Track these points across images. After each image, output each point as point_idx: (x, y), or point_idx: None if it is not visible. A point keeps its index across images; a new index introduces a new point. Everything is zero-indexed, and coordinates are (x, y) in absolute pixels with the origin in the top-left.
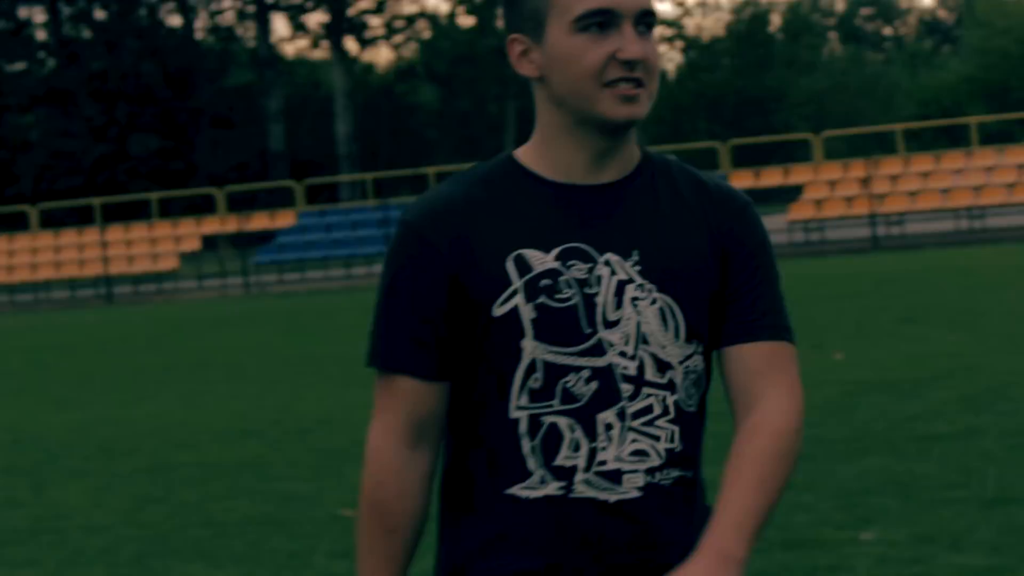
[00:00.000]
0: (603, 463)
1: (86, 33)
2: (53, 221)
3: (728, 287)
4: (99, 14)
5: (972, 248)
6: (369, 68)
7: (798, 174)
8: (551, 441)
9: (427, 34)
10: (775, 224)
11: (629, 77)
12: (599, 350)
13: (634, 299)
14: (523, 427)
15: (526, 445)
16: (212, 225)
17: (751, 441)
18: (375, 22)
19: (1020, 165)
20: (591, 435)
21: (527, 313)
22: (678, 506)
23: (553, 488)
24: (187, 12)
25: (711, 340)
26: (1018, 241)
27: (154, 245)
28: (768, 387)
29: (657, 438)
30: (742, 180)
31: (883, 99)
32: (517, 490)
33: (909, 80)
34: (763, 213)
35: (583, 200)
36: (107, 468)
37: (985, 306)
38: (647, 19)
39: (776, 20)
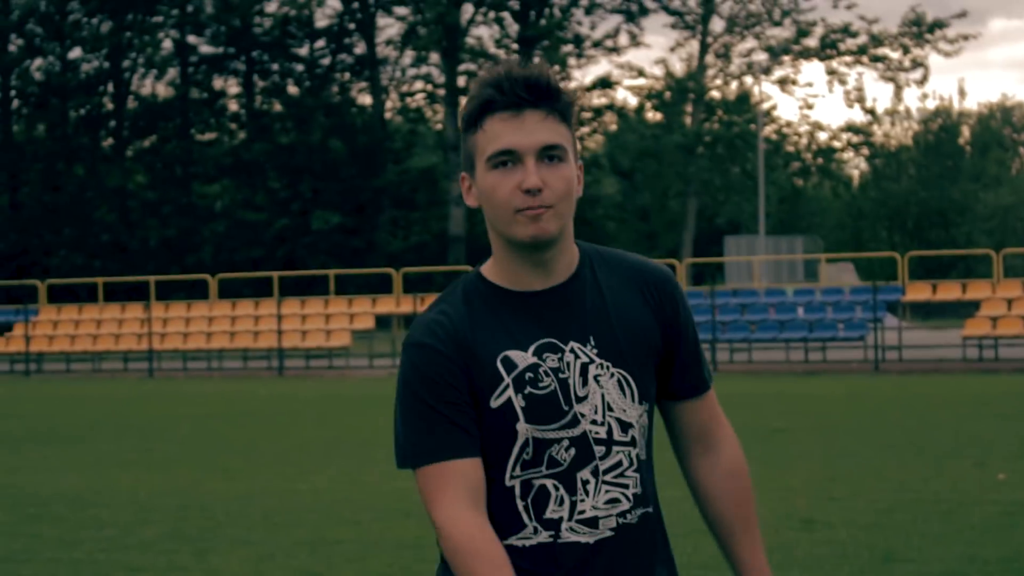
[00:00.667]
0: (583, 512)
1: (277, 107)
2: (231, 291)
3: (673, 356)
4: (292, 89)
5: None
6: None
7: (976, 290)
8: (540, 499)
9: (613, 127)
10: (950, 338)
11: (530, 205)
12: (575, 422)
13: (596, 376)
14: (518, 491)
15: (519, 504)
16: (387, 305)
17: (737, 485)
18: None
19: None
20: (572, 491)
21: (518, 402)
22: (644, 543)
23: (544, 537)
24: (378, 92)
25: (659, 395)
26: None
27: (328, 321)
28: (719, 431)
29: (626, 486)
30: (919, 292)
31: None
32: (514, 540)
33: None
34: (939, 327)
35: (541, 303)
36: (270, 539)
37: None
38: (549, 152)
39: (966, 132)
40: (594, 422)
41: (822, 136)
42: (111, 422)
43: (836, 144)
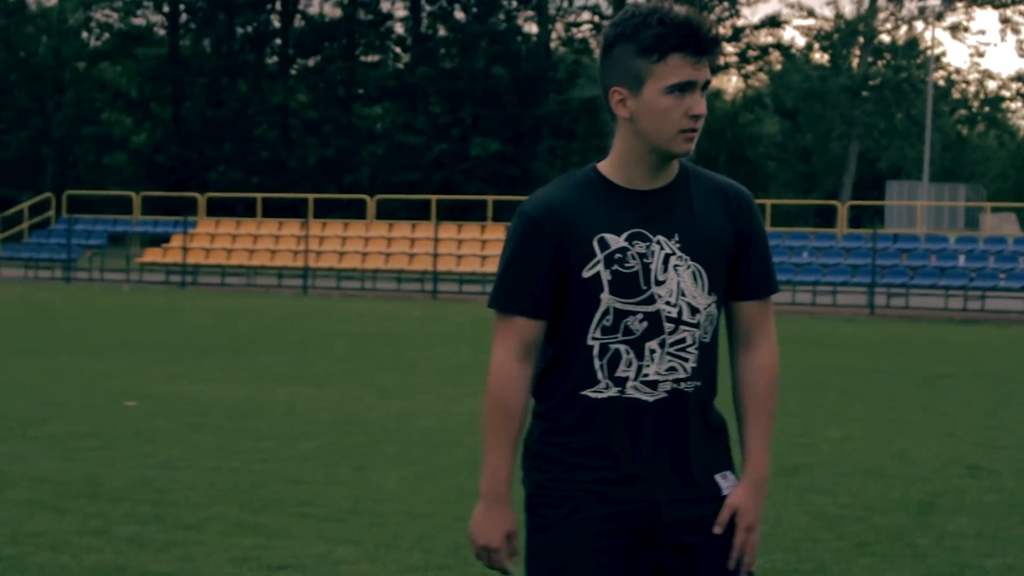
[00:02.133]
0: (646, 375)
1: (442, 31)
2: (387, 213)
3: (742, 260)
4: (458, 15)
5: None
6: (717, 94)
7: None
8: (614, 360)
9: (779, 66)
10: None
11: (693, 127)
12: (651, 300)
13: (675, 266)
14: (596, 351)
15: (596, 363)
16: None
17: (758, 383)
18: (729, 49)
19: None
20: (640, 357)
21: (605, 276)
22: (694, 407)
23: (613, 391)
24: (544, 21)
25: (727, 292)
26: None
27: (483, 247)
28: (760, 336)
29: (685, 360)
30: None
31: None
32: (589, 392)
33: None
34: None
35: (643, 200)
36: (428, 458)
37: None
38: (706, 87)
39: None
40: (668, 303)
41: (991, 85)
42: (267, 336)
43: (1005, 93)
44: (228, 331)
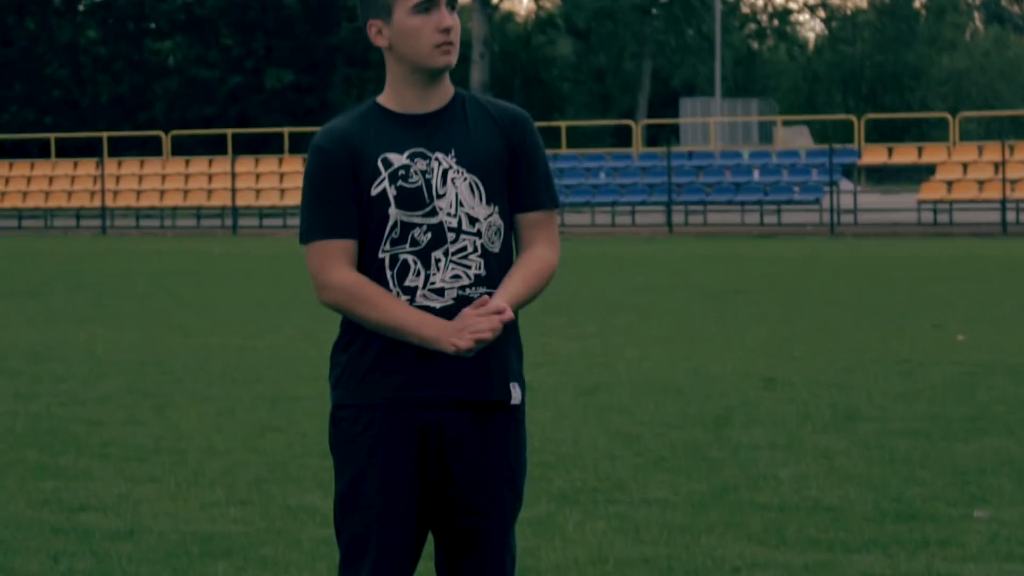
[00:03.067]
0: (433, 284)
1: None
2: (184, 149)
3: (517, 173)
4: None
5: None
6: (509, 17)
7: (931, 153)
8: (403, 271)
9: None
10: (905, 202)
11: (445, 40)
12: (434, 212)
13: (452, 179)
14: (387, 263)
15: (388, 274)
16: None
17: (526, 264)
18: None
19: None
20: (427, 266)
21: (391, 192)
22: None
23: (403, 301)
24: None
25: (509, 206)
26: None
27: (282, 180)
28: (538, 239)
29: (468, 267)
30: (875, 156)
31: None
32: None
33: None
34: (894, 191)
35: (419, 123)
36: (229, 394)
37: None
38: (452, 3)
39: None
40: (448, 214)
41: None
42: (65, 278)
43: (792, 6)
44: (24, 274)
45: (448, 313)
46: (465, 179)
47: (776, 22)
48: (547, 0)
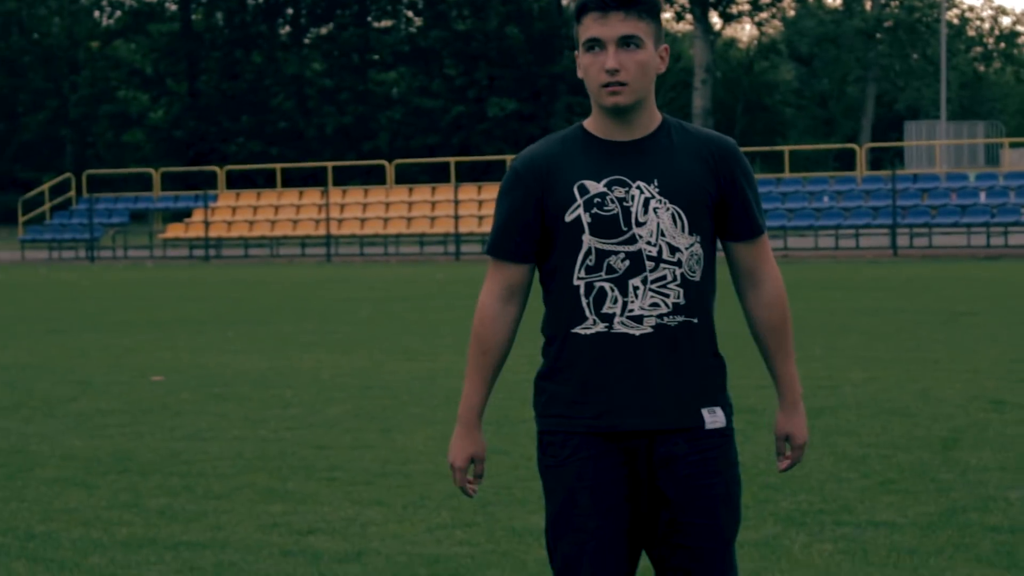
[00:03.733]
0: (632, 311)
1: None
2: (407, 177)
3: (732, 204)
4: None
5: None
6: (731, 43)
7: None
8: (599, 298)
9: (792, 12)
10: None
11: (610, 81)
12: (633, 240)
13: (655, 208)
14: (582, 290)
15: (583, 301)
16: None
17: (771, 316)
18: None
19: None
20: (624, 293)
21: (585, 219)
22: (683, 341)
23: (601, 327)
24: None
25: (714, 235)
26: None
27: None
28: (762, 264)
29: (667, 296)
30: None
31: None
32: (579, 329)
33: None
34: None
35: (622, 150)
36: (453, 418)
37: None
38: (627, 40)
39: None
40: (648, 243)
41: (1005, 20)
42: (291, 305)
43: (1019, 28)
44: (251, 302)
45: (648, 340)
46: (668, 209)
47: (1003, 44)
48: (770, 26)
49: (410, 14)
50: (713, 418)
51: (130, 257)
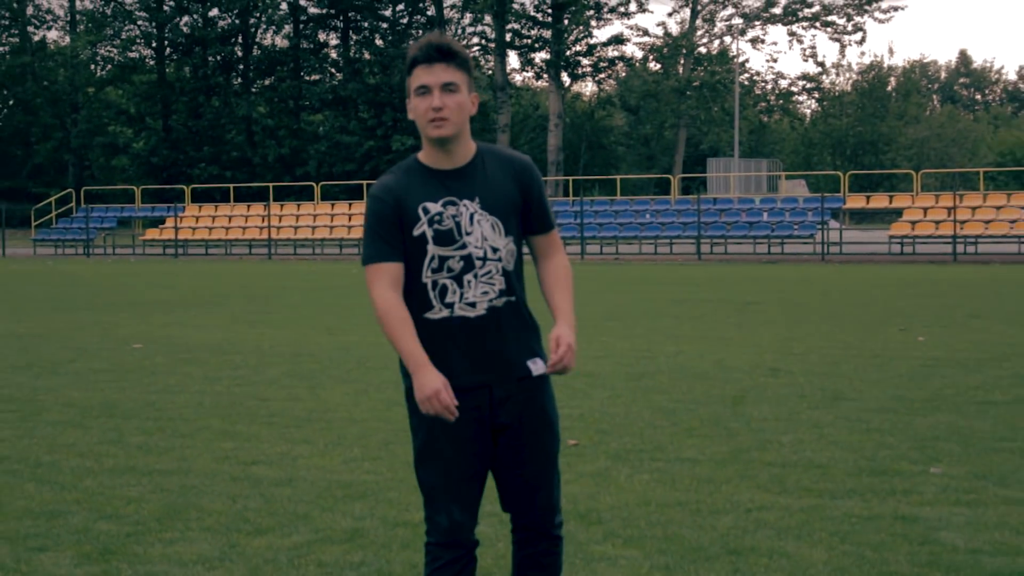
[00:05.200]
0: (467, 298)
1: (367, 55)
2: (331, 196)
3: (530, 209)
4: (378, 42)
5: None
6: (577, 97)
7: (899, 201)
8: (443, 291)
9: (623, 74)
10: (879, 237)
11: (435, 117)
12: (464, 246)
13: (479, 220)
14: (429, 286)
15: (431, 294)
16: None
17: (557, 274)
18: (585, 62)
19: None
20: (460, 286)
21: (429, 233)
22: (510, 320)
23: (444, 313)
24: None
25: (522, 233)
26: None
27: None
28: (553, 250)
29: (493, 284)
30: (856, 202)
31: (970, 149)
32: (428, 315)
33: (992, 135)
34: (870, 228)
35: (450, 176)
36: (364, 378)
37: None
38: (448, 86)
39: (892, 82)
40: (476, 247)
41: (783, 83)
42: (240, 292)
43: (793, 89)
44: (210, 289)
45: (482, 321)
46: (488, 219)
47: (781, 101)
48: (607, 84)
49: (333, 70)
50: (536, 367)
51: (117, 254)
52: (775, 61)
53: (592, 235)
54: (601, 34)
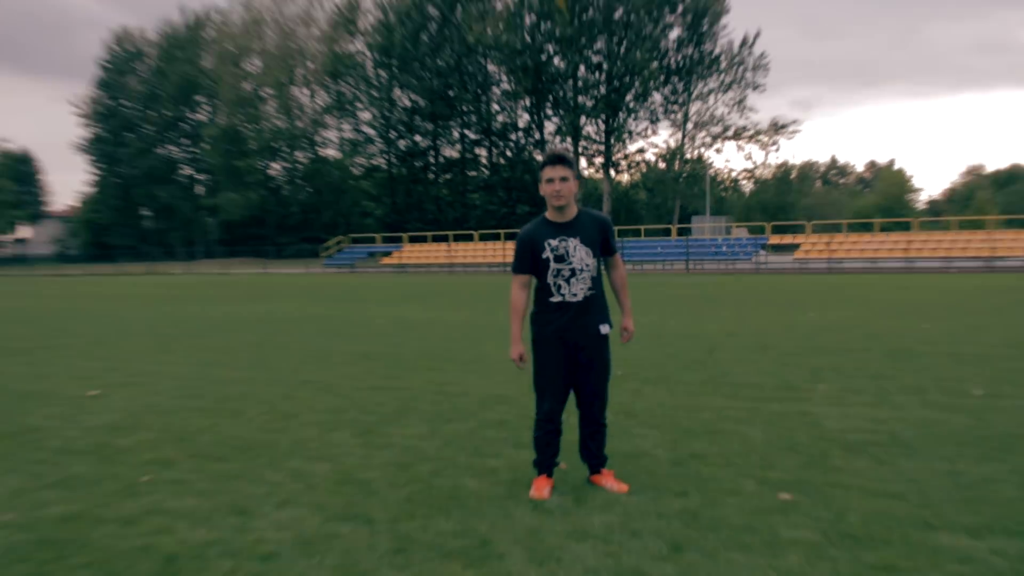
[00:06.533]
0: (572, 291)
1: (502, 161)
2: (483, 239)
3: (606, 241)
4: (508, 153)
5: None
6: (619, 183)
7: (799, 238)
8: (558, 287)
9: (644, 169)
10: (788, 259)
11: (555, 193)
12: (570, 263)
13: (576, 248)
14: (552, 284)
15: (553, 288)
16: None
17: (620, 280)
18: (623, 163)
19: None
20: (569, 284)
21: (550, 256)
22: (592, 304)
23: (559, 298)
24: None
25: (601, 255)
26: None
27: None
28: (618, 266)
29: (586, 284)
30: (776, 240)
31: (838, 209)
32: (552, 299)
33: (850, 201)
34: (783, 254)
35: (560, 227)
36: (505, 339)
37: None
38: (563, 176)
39: (795, 172)
40: (577, 264)
41: (733, 173)
42: (433, 292)
43: (739, 177)
44: (417, 291)
45: (579, 304)
46: (583, 249)
47: (732, 183)
48: (635, 173)
49: (484, 169)
50: (604, 329)
51: (367, 272)
52: (728, 160)
53: (628, 259)
54: (632, 147)
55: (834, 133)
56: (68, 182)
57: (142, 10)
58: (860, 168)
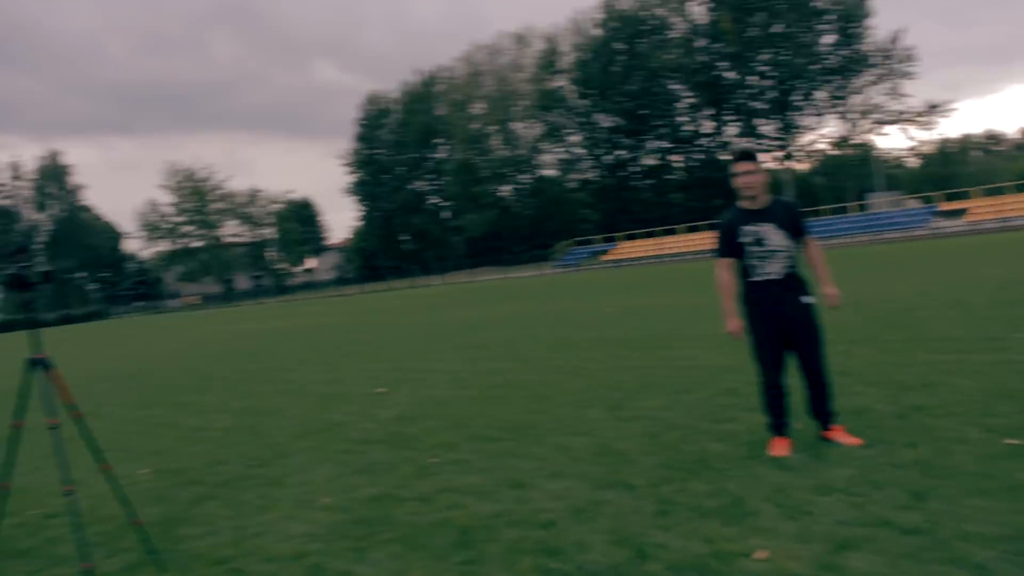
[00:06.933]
0: (773, 270)
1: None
2: (688, 232)
3: (798, 225)
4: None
5: None
6: (797, 172)
7: None
8: (760, 265)
9: (818, 156)
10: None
11: (746, 188)
12: (767, 245)
13: (773, 232)
14: (753, 264)
15: (756, 268)
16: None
17: (815, 256)
18: (798, 153)
19: None
20: (767, 263)
21: (748, 239)
22: (792, 280)
23: (761, 276)
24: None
25: (794, 239)
26: None
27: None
28: (813, 244)
29: (783, 262)
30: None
31: None
32: (755, 278)
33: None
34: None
35: (754, 214)
36: (716, 310)
37: None
38: (751, 170)
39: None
40: (773, 246)
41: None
42: (644, 282)
43: (906, 157)
44: (635, 281)
45: (780, 280)
46: (779, 231)
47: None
48: (812, 161)
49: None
50: (807, 299)
51: (589, 269)
52: (892, 141)
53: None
54: (804, 139)
55: (984, 108)
56: (341, 220)
57: (385, 76)
58: (1012, 134)
